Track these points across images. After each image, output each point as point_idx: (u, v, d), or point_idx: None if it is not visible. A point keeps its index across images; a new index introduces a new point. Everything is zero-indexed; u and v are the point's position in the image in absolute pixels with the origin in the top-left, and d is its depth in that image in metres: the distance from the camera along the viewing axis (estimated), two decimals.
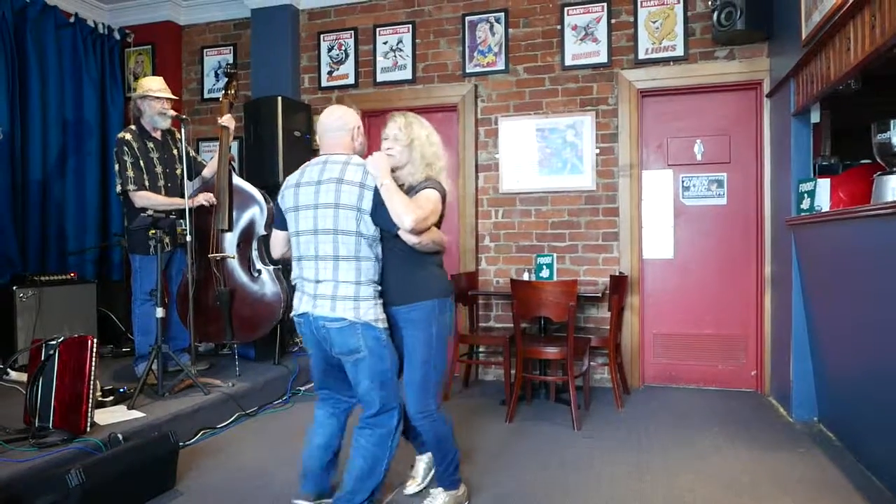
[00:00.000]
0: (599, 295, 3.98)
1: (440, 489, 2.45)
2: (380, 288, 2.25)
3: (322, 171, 2.21)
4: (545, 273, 4.01)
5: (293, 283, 2.31)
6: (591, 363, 4.23)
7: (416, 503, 2.52)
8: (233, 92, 4.19)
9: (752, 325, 4.31)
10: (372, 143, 5.11)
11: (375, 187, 2.15)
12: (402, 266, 2.28)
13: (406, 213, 2.10)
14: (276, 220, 2.40)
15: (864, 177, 3.16)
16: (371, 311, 2.18)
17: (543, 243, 4.60)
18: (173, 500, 2.60)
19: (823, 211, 3.12)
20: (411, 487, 2.63)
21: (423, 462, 2.67)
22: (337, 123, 2.29)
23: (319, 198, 2.18)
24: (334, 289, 2.16)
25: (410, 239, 2.18)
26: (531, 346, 3.71)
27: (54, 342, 2.75)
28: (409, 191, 2.29)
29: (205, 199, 3.87)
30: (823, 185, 3.18)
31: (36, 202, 4.65)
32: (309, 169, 2.27)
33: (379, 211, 2.15)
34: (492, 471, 2.88)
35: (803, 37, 3.14)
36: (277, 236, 2.43)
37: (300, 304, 2.24)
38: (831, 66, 2.84)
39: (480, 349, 4.73)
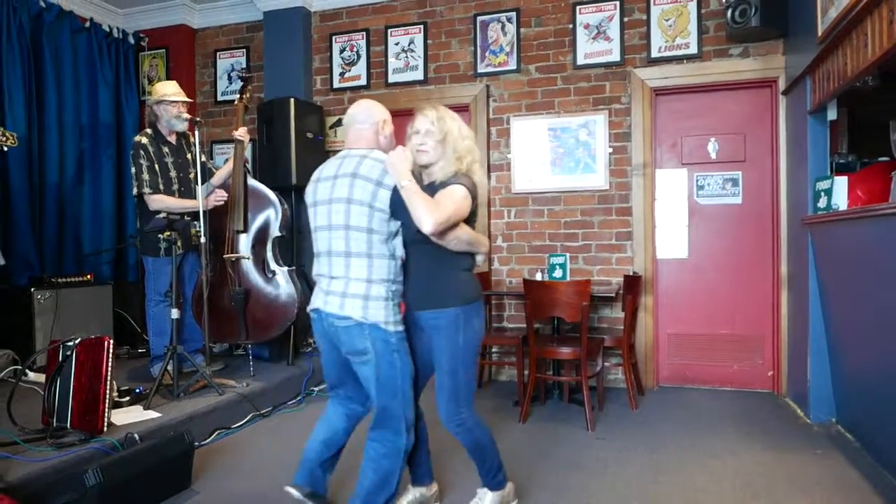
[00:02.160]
0: (613, 295, 3.96)
1: (485, 489, 2.39)
2: (396, 288, 2.16)
3: (340, 165, 2.18)
4: (558, 273, 4.00)
5: (313, 279, 2.30)
6: (605, 363, 4.21)
7: None
8: (248, 96, 4.22)
9: (768, 325, 4.27)
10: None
11: (394, 186, 2.07)
12: (428, 268, 2.20)
13: (426, 215, 2.01)
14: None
15: (882, 174, 3.12)
16: (381, 312, 2.08)
17: (556, 243, 4.58)
18: (189, 499, 2.62)
19: (841, 209, 3.08)
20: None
21: (409, 496, 2.48)
22: (362, 116, 2.26)
23: (334, 192, 2.14)
24: (345, 286, 2.11)
25: (437, 239, 2.12)
26: (544, 346, 3.70)
27: (72, 343, 2.79)
28: (439, 187, 2.18)
29: (216, 198, 3.91)
30: (840, 183, 3.14)
31: (52, 205, 4.71)
32: (328, 164, 2.25)
33: (399, 210, 2.09)
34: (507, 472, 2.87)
35: (819, 33, 3.10)
36: None
37: (315, 300, 2.22)
38: (848, 63, 2.81)
39: (493, 349, 4.73)
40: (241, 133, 4.00)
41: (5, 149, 2.71)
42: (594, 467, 2.94)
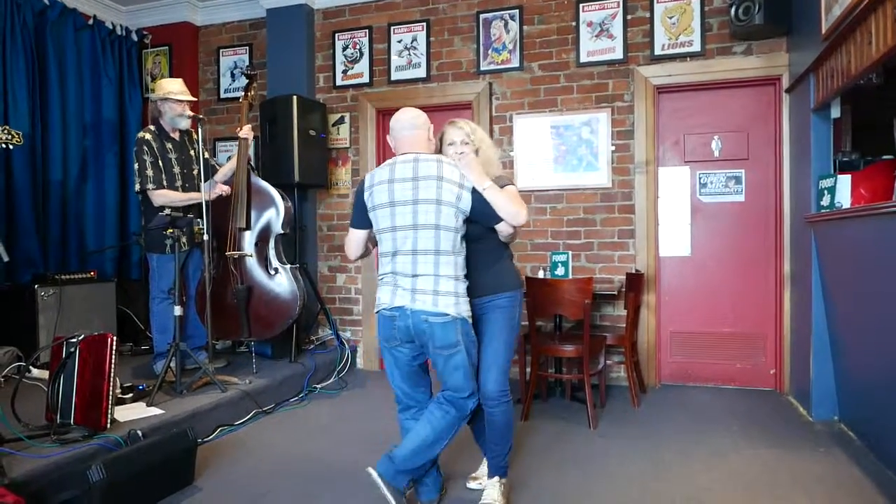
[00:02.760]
0: (615, 293, 3.96)
1: (496, 477, 2.48)
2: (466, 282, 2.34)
3: (416, 168, 2.27)
4: (560, 271, 4.00)
5: (380, 278, 2.34)
6: (607, 361, 4.21)
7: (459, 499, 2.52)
8: (252, 94, 4.22)
9: (770, 324, 4.26)
10: (388, 140, 5.13)
11: (473, 188, 2.27)
12: (487, 259, 2.44)
13: (521, 209, 2.32)
14: (357, 219, 2.41)
15: (885, 173, 3.11)
16: (466, 307, 2.28)
17: (559, 241, 4.58)
18: (192, 495, 2.63)
19: (844, 208, 3.08)
20: (474, 484, 2.66)
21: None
22: (417, 121, 2.40)
23: (419, 194, 2.24)
24: (435, 283, 2.22)
25: (507, 230, 2.36)
26: (546, 344, 3.70)
27: (75, 340, 2.79)
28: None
29: (221, 189, 3.92)
30: (844, 181, 3.13)
31: (56, 202, 4.72)
32: (400, 166, 2.29)
33: (479, 209, 2.29)
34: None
35: (823, 31, 3.10)
36: (357, 236, 2.45)
37: (393, 298, 2.25)
38: (852, 61, 2.80)
39: None
40: (245, 132, 4.02)
41: (11, 147, 2.71)
42: (596, 464, 2.95)
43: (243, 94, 4.20)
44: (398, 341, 2.29)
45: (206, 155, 4.10)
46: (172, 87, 3.86)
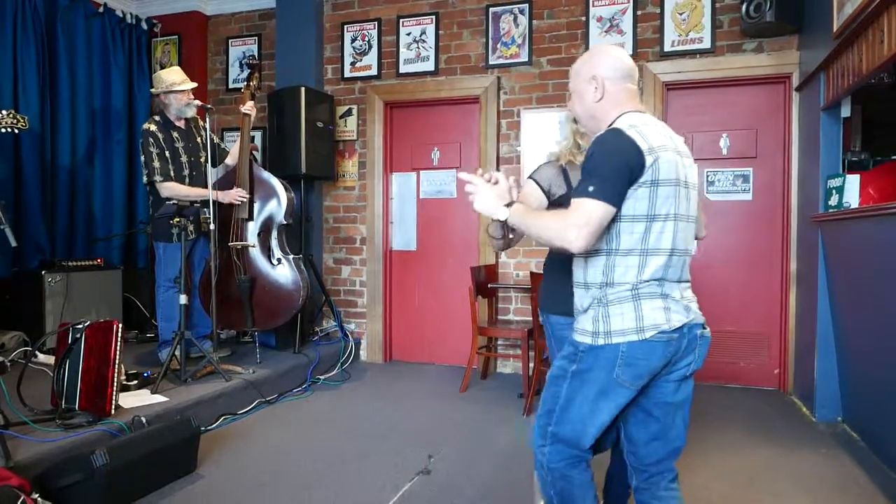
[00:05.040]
0: None
1: None
2: None
3: (671, 136, 1.67)
4: None
5: (633, 289, 1.58)
6: None
7: None
8: (255, 83, 4.23)
9: (775, 323, 4.25)
10: (395, 133, 5.13)
11: None
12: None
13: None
14: (615, 188, 1.52)
15: (895, 173, 3.09)
16: None
17: None
18: (194, 483, 2.65)
19: (852, 207, 3.06)
20: None
21: None
22: (635, 69, 1.73)
23: (689, 175, 1.67)
24: (690, 291, 1.73)
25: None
26: None
27: (81, 326, 2.81)
28: None
29: (238, 195, 3.92)
30: (853, 180, 3.11)
31: (64, 189, 4.74)
32: (668, 131, 1.67)
33: None
34: (509, 465, 2.89)
35: (835, 29, 3.07)
36: (608, 214, 1.52)
37: (670, 316, 1.59)
38: (863, 59, 2.77)
39: (499, 342, 4.73)
40: (248, 108, 4.04)
41: (16, 131, 2.72)
42: (597, 460, 2.94)
43: (245, 83, 4.21)
44: (654, 371, 1.62)
45: (216, 139, 4.11)
46: (174, 78, 3.85)
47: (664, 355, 1.60)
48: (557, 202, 2.16)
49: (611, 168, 1.51)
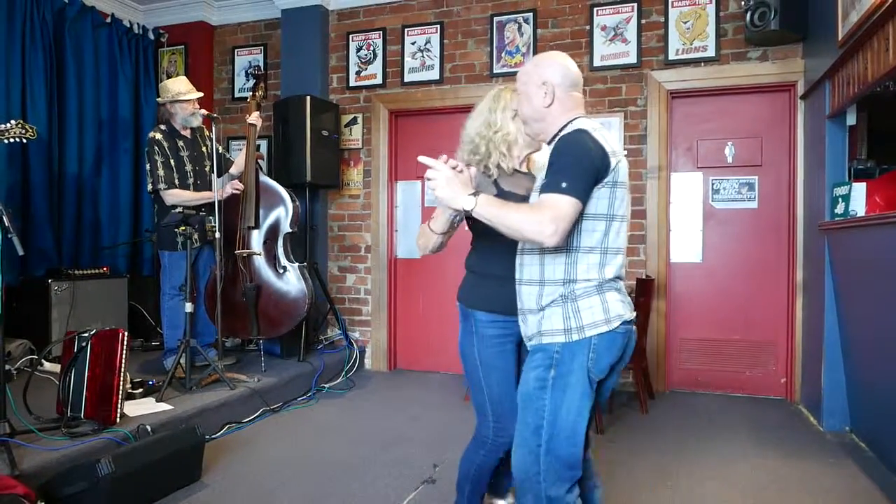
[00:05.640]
0: None
1: None
2: None
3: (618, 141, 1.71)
4: None
5: (602, 283, 1.64)
6: None
7: None
8: (260, 93, 4.25)
9: (782, 332, 4.23)
10: (400, 141, 5.14)
11: None
12: None
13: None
14: (585, 185, 1.57)
15: None
16: None
17: None
18: (199, 491, 2.64)
19: (859, 216, 3.05)
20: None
21: None
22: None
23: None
24: None
25: None
26: None
27: (87, 334, 2.82)
28: None
29: (233, 187, 3.95)
30: (859, 189, 3.10)
31: (71, 198, 4.76)
32: (603, 131, 1.70)
33: None
34: None
35: (840, 37, 3.07)
36: (576, 211, 1.55)
37: (627, 308, 1.67)
38: (869, 67, 2.77)
39: None
40: (254, 118, 4.07)
41: (24, 141, 2.74)
42: (602, 470, 2.92)
43: (251, 94, 4.24)
44: (610, 372, 1.68)
45: (221, 149, 4.13)
46: (180, 88, 3.88)
47: (622, 346, 1.67)
48: None
49: (582, 167, 1.57)
